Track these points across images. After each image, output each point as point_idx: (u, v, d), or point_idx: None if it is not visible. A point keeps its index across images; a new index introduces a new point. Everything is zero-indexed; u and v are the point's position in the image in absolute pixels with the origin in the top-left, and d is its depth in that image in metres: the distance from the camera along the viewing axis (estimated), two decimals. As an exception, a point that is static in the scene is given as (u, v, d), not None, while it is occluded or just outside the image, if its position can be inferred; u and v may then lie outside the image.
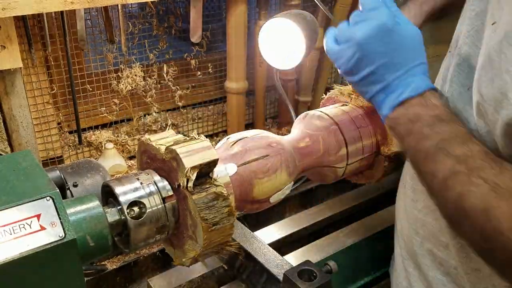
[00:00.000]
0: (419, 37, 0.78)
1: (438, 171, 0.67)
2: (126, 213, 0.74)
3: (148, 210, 0.75)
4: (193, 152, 0.74)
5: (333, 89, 1.15)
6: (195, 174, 0.73)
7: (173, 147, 0.74)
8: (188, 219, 0.76)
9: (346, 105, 1.08)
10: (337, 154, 0.98)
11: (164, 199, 0.77)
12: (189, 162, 0.72)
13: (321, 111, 1.04)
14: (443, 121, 0.71)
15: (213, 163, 0.75)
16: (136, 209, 0.75)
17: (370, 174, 1.09)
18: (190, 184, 0.73)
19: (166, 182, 0.78)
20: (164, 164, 0.78)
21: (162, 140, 0.79)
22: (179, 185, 0.75)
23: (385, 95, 0.77)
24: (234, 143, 0.89)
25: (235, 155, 0.87)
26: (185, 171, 0.72)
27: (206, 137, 0.78)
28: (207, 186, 0.75)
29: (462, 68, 0.76)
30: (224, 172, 0.84)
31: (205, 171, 0.75)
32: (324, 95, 1.17)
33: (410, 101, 0.75)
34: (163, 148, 0.77)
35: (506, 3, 0.62)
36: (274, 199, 0.90)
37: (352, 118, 1.03)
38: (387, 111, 0.76)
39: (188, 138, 0.78)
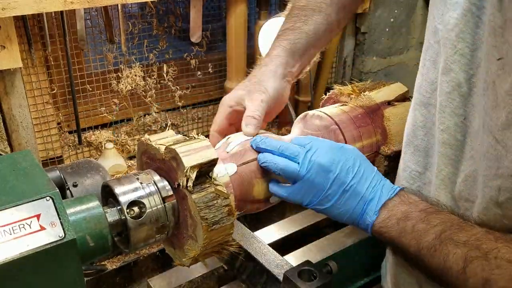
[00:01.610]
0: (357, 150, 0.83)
1: (452, 262, 0.65)
2: (126, 213, 0.74)
3: (148, 210, 0.75)
4: (193, 151, 0.74)
5: (333, 89, 1.14)
6: (194, 173, 0.72)
7: (173, 147, 0.74)
8: (188, 218, 0.76)
9: (346, 105, 1.08)
10: None
11: (164, 199, 0.77)
12: (188, 161, 0.72)
13: (320, 111, 1.04)
14: (432, 213, 0.72)
15: (213, 163, 0.75)
16: (136, 209, 0.75)
17: None
18: (190, 183, 0.72)
19: (166, 182, 0.78)
20: (164, 164, 0.78)
21: (161, 140, 0.79)
22: (178, 185, 0.75)
23: (364, 205, 0.77)
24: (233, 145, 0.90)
25: (235, 155, 0.87)
26: (185, 170, 0.72)
27: (206, 137, 0.78)
28: (207, 185, 0.75)
29: (453, 97, 0.73)
30: (224, 172, 0.84)
31: (205, 170, 0.74)
32: (324, 95, 1.17)
33: (391, 202, 0.76)
34: (162, 148, 0.76)
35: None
36: (274, 199, 0.90)
37: (352, 118, 1.03)
38: (372, 218, 0.76)
39: (187, 138, 0.78)
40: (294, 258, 1.07)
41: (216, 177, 0.77)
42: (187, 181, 0.73)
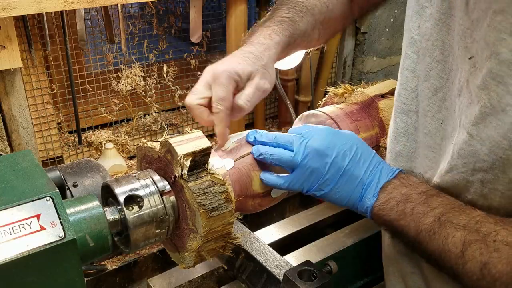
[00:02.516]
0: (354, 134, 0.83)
1: (450, 245, 0.66)
2: (125, 212, 0.74)
3: (148, 210, 0.75)
4: (186, 141, 0.75)
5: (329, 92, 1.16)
6: (188, 161, 0.73)
7: (166, 139, 0.75)
8: (187, 210, 0.76)
9: (341, 103, 1.10)
10: None
11: (163, 198, 0.77)
12: (182, 150, 0.73)
13: (316, 110, 1.05)
14: (433, 195, 0.71)
15: (207, 151, 0.75)
16: (135, 207, 0.75)
17: None
18: (185, 171, 0.73)
19: (165, 182, 0.79)
20: (161, 162, 0.79)
21: (157, 140, 0.80)
22: (175, 178, 0.76)
23: (363, 188, 0.77)
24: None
25: (231, 151, 0.88)
26: (179, 158, 0.73)
27: (206, 137, 0.78)
28: (203, 175, 0.76)
29: (433, 102, 0.76)
30: (221, 166, 0.84)
31: (199, 160, 0.75)
32: (324, 95, 1.17)
33: (390, 185, 0.76)
34: (157, 145, 0.78)
35: (481, 37, 0.62)
36: (276, 193, 0.90)
37: (347, 113, 1.04)
38: (371, 201, 0.76)
39: (182, 134, 0.79)
40: (294, 258, 1.07)
41: (212, 167, 0.78)
42: (181, 170, 0.73)
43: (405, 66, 0.82)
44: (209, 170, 0.77)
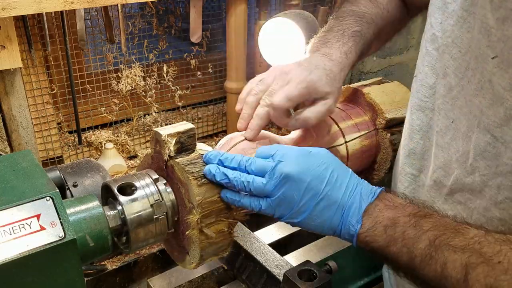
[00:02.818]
0: (327, 152, 0.75)
1: (451, 270, 0.60)
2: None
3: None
4: (171, 127, 0.78)
5: None
6: (174, 141, 0.76)
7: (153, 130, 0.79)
8: (181, 188, 0.77)
9: None
10: (330, 133, 1.00)
11: (163, 197, 0.77)
12: (165, 132, 0.77)
13: None
14: (422, 217, 0.66)
15: (191, 131, 0.77)
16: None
17: (382, 158, 1.09)
18: (172, 148, 0.75)
19: (164, 181, 0.79)
20: (159, 161, 0.79)
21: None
22: (166, 163, 0.77)
23: (343, 213, 0.70)
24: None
25: (224, 146, 0.89)
26: (163, 139, 0.76)
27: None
28: (191, 153, 0.78)
29: (447, 100, 0.75)
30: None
31: (185, 141, 0.77)
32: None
33: (375, 208, 0.69)
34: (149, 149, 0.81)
35: (508, 37, 0.60)
36: None
37: (338, 108, 1.07)
38: (355, 227, 0.69)
39: None
40: (294, 258, 1.07)
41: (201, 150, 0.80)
42: (168, 149, 0.76)
43: (424, 62, 0.80)
44: (198, 149, 0.79)
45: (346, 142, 1.01)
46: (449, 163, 0.76)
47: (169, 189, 0.79)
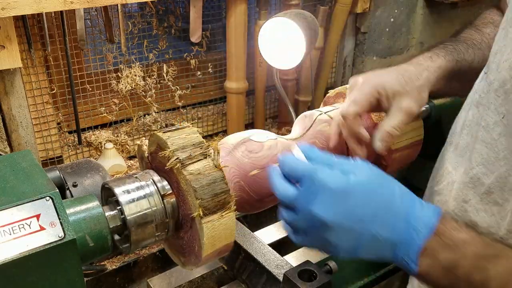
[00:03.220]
0: (378, 171, 0.66)
1: None
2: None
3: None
4: (177, 136, 0.76)
5: (332, 88, 1.15)
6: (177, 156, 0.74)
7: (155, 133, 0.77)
8: (182, 186, 0.76)
9: (339, 102, 1.09)
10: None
11: (163, 198, 0.77)
12: (171, 143, 0.75)
13: (316, 110, 1.03)
14: (487, 257, 0.61)
15: (199, 145, 0.76)
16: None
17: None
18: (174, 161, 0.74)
19: (165, 182, 0.79)
20: (158, 161, 0.79)
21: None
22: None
23: (394, 251, 0.64)
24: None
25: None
26: (167, 154, 0.74)
27: (206, 137, 0.79)
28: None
29: (498, 94, 0.70)
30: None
31: (191, 152, 0.75)
32: (324, 95, 1.17)
33: (431, 247, 0.63)
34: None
35: None
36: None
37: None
38: (413, 268, 0.63)
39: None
40: (294, 258, 1.07)
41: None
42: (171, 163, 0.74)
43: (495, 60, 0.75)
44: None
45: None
46: (493, 161, 0.72)
47: (169, 188, 0.79)
